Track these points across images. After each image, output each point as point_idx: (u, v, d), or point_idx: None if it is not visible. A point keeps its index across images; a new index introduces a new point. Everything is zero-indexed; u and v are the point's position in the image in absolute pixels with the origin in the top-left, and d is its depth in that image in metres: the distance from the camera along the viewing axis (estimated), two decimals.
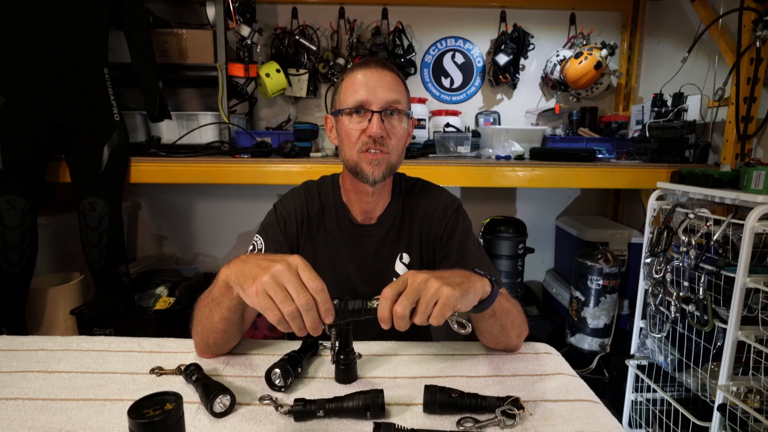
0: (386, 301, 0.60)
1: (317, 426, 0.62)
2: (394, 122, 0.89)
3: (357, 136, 0.88)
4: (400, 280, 0.61)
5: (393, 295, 0.60)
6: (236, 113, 2.27)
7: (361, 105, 0.87)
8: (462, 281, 0.64)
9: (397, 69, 0.92)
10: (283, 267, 0.58)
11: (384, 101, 0.87)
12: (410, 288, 0.60)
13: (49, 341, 0.87)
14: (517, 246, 2.09)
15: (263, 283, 0.57)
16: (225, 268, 0.67)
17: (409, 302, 0.59)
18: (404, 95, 0.91)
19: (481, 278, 0.69)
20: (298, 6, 2.27)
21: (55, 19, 1.49)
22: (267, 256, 0.63)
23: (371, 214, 0.99)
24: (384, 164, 0.89)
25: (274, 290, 0.57)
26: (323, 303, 0.58)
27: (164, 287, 1.94)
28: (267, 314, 0.57)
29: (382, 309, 0.59)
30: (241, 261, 0.65)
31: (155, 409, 0.48)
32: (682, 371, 1.40)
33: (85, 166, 1.58)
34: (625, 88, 2.40)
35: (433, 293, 0.59)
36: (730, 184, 1.33)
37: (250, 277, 0.60)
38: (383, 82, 0.87)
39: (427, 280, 0.60)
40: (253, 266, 0.61)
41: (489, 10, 2.34)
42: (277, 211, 0.99)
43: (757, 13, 1.52)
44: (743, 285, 1.13)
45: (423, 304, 0.59)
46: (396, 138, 0.89)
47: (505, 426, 0.62)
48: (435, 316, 0.60)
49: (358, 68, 0.89)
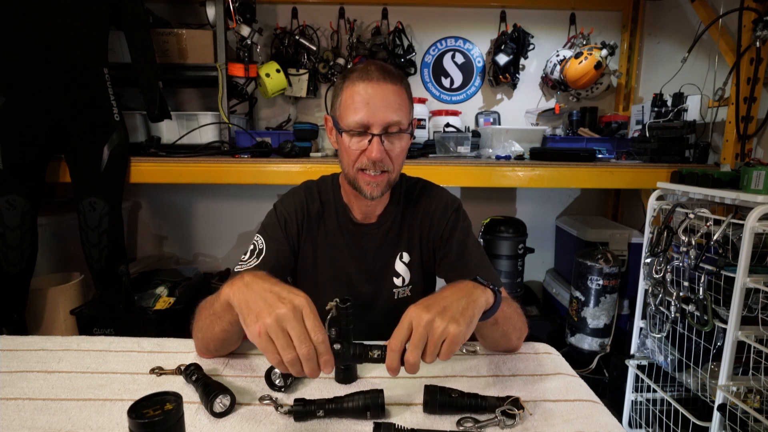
0: (395, 354, 0.60)
1: (317, 426, 0.62)
2: (394, 141, 0.87)
3: (356, 155, 0.87)
4: (404, 324, 0.61)
5: (400, 346, 0.60)
6: (236, 113, 2.27)
7: (361, 126, 0.85)
8: (466, 305, 0.63)
9: (399, 73, 0.88)
10: (288, 312, 0.57)
11: (385, 123, 0.84)
12: (416, 335, 0.60)
13: (49, 341, 0.87)
14: (517, 246, 2.09)
15: (266, 325, 0.57)
16: (228, 288, 0.66)
17: (419, 350, 0.60)
18: (406, 109, 0.88)
19: (484, 290, 0.68)
20: (298, 6, 2.27)
21: (55, 19, 1.49)
22: (273, 288, 0.61)
23: (371, 214, 0.99)
24: (383, 184, 0.89)
25: (276, 335, 0.57)
26: (323, 354, 0.58)
27: (164, 287, 1.94)
28: (267, 355, 0.57)
29: (392, 360, 0.60)
30: (245, 285, 0.63)
31: (155, 409, 0.48)
32: (682, 371, 1.40)
33: (85, 166, 1.58)
34: (625, 88, 2.40)
35: (439, 335, 0.60)
36: (730, 184, 1.33)
37: (253, 313, 0.59)
38: (385, 100, 0.84)
39: (432, 322, 0.60)
40: (259, 299, 0.60)
41: (489, 10, 2.34)
42: (277, 210, 0.99)
43: (757, 13, 1.52)
44: (743, 285, 1.13)
45: (431, 346, 0.60)
46: (396, 156, 0.89)
47: (505, 426, 0.62)
48: (444, 353, 0.61)
49: (359, 79, 0.85)
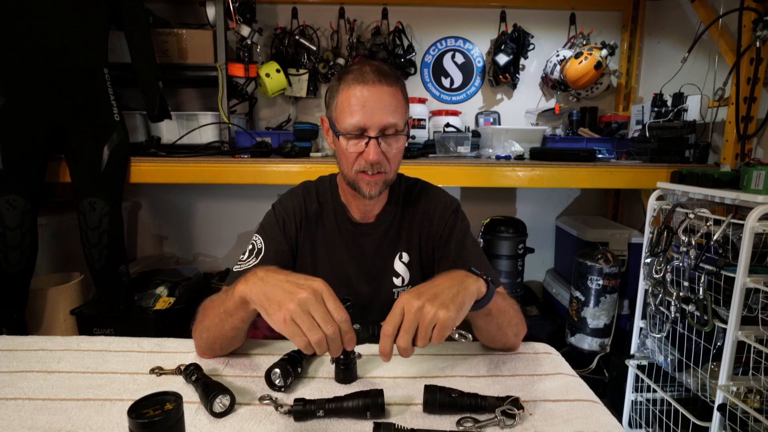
0: (388, 339, 0.62)
1: (317, 426, 0.62)
2: (391, 142, 0.88)
3: (354, 158, 0.88)
4: (396, 310, 0.63)
5: (393, 330, 0.62)
6: (236, 113, 2.27)
7: (359, 130, 0.85)
8: (456, 292, 0.65)
9: (394, 74, 0.89)
10: (309, 295, 0.60)
11: (381, 126, 0.85)
12: (407, 321, 0.62)
13: (49, 341, 0.87)
14: (517, 246, 2.09)
15: (291, 311, 0.59)
16: (243, 285, 0.67)
17: (410, 335, 0.62)
18: (402, 111, 0.88)
19: (476, 279, 0.70)
20: (298, 6, 2.27)
21: (55, 19, 1.49)
22: (289, 278, 0.64)
23: (369, 214, 0.99)
24: (381, 183, 0.90)
25: (301, 319, 0.59)
26: (347, 333, 0.61)
27: (164, 287, 1.94)
28: (295, 340, 0.59)
29: (384, 345, 0.62)
30: (260, 279, 0.65)
31: (155, 409, 0.48)
32: (682, 371, 1.40)
33: (85, 166, 1.58)
34: (625, 88, 2.40)
35: (430, 319, 0.62)
36: (730, 184, 1.33)
37: (275, 303, 0.61)
38: (381, 103, 0.84)
39: (422, 308, 0.62)
40: (278, 290, 0.62)
41: (489, 10, 2.34)
42: (275, 211, 0.99)
43: (757, 13, 1.52)
44: (743, 285, 1.13)
45: (422, 331, 0.62)
46: (393, 157, 0.90)
47: (505, 426, 0.62)
48: (435, 338, 0.63)
49: (355, 81, 0.85)
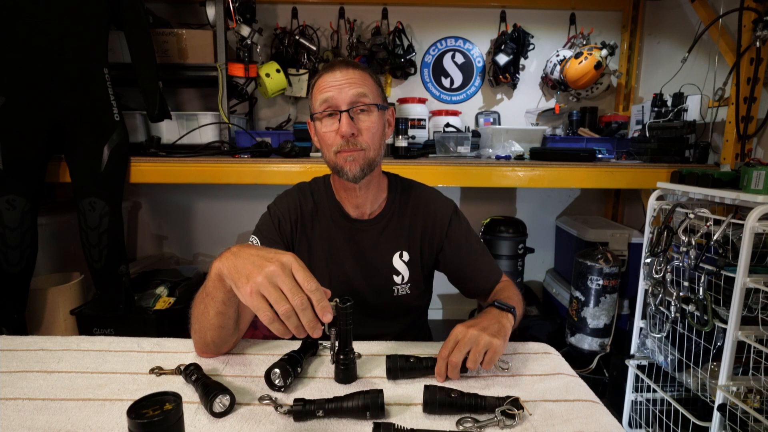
0: (443, 361, 0.72)
1: (317, 426, 0.62)
2: (363, 117, 0.89)
3: (332, 138, 0.89)
4: (451, 338, 0.73)
5: (448, 354, 0.72)
6: (236, 113, 2.27)
7: (329, 105, 0.88)
8: (499, 327, 0.76)
9: (364, 66, 0.93)
10: (276, 268, 0.58)
11: (350, 97, 0.87)
12: (462, 344, 0.71)
13: (49, 341, 0.87)
14: (517, 246, 2.09)
15: (257, 283, 0.57)
16: (218, 261, 0.67)
17: (462, 353, 0.71)
18: (372, 87, 0.91)
19: (506, 315, 0.80)
20: (298, 6, 2.27)
21: (55, 19, 1.49)
22: (260, 252, 0.63)
23: (363, 210, 0.99)
24: (360, 160, 0.89)
25: (268, 290, 0.57)
26: (319, 301, 0.58)
27: (164, 287, 1.94)
28: (260, 314, 0.57)
29: (440, 366, 0.72)
30: (233, 254, 0.64)
31: (155, 409, 0.48)
32: (682, 371, 1.40)
33: (85, 166, 1.58)
34: (625, 88, 2.40)
35: (484, 344, 0.71)
36: (730, 184, 1.33)
37: (243, 275, 0.60)
38: (348, 79, 0.88)
39: (477, 336, 0.72)
40: (247, 263, 0.61)
41: (489, 10, 2.34)
42: (271, 211, 1.00)
43: (757, 13, 1.52)
44: (743, 285, 1.13)
45: (474, 354, 0.71)
46: (369, 133, 0.90)
47: (505, 426, 0.62)
48: (487, 362, 0.71)
49: (324, 72, 0.90)
